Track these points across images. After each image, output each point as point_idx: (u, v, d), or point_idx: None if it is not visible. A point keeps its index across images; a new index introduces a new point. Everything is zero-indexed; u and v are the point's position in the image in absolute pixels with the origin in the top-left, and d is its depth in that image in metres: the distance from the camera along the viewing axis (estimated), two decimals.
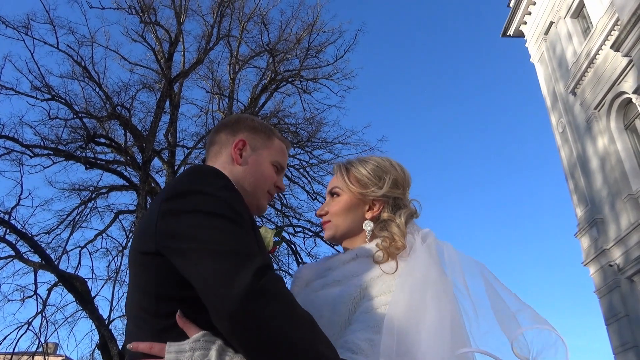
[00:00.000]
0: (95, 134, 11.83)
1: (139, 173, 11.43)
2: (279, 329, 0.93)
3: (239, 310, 0.92)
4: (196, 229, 1.03)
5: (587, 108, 13.55)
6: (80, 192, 12.40)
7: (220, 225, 1.03)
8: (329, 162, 13.24)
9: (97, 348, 10.46)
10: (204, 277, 0.98)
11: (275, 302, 0.95)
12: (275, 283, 0.98)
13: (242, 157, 1.39)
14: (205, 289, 0.97)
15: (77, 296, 10.45)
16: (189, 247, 1.02)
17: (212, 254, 0.99)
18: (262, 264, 0.99)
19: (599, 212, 13.03)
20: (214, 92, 13.40)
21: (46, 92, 11.47)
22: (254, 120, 1.51)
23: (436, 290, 1.19)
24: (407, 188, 1.50)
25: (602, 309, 12.78)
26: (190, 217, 1.05)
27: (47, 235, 11.79)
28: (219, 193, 1.10)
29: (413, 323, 1.13)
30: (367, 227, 1.43)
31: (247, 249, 1.02)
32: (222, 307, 0.94)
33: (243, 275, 0.95)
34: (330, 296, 1.27)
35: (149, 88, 12.70)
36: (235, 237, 1.03)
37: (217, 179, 1.16)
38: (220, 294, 0.94)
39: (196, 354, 1.00)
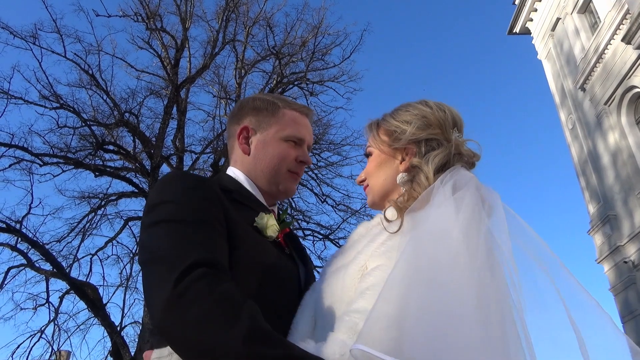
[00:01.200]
0: (104, 141, 11.89)
1: (148, 179, 11.46)
2: (199, 334, 0.91)
3: (161, 323, 0.94)
4: (151, 240, 1.09)
5: (596, 103, 13.41)
6: (90, 200, 12.46)
7: (168, 231, 1.06)
8: (338, 164, 13.22)
9: (110, 355, 10.46)
10: (145, 289, 1.05)
11: (195, 304, 0.93)
12: (198, 283, 0.95)
13: (250, 144, 1.32)
14: (145, 301, 1.06)
15: (88, 303, 10.47)
16: (142, 259, 1.09)
17: (148, 264, 1.04)
18: (190, 263, 0.96)
19: (611, 208, 12.86)
20: (221, 97, 13.41)
21: (54, 101, 11.55)
22: (255, 99, 1.40)
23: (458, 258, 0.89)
24: (446, 127, 1.22)
25: (618, 307, 12.60)
26: (149, 229, 1.10)
27: (58, 243, 11.85)
28: (175, 197, 1.12)
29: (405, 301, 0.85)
30: (401, 180, 1.21)
31: (181, 251, 1.00)
32: (153, 319, 0.98)
33: (164, 285, 0.95)
34: (341, 275, 1.12)
35: (156, 94, 12.76)
36: (175, 239, 1.03)
37: (178, 183, 1.17)
38: (150, 309, 0.98)
39: (174, 357, 1.03)
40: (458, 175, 1.11)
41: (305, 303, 1.19)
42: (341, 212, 12.82)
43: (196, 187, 1.16)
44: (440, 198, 1.02)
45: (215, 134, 12.98)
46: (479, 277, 0.86)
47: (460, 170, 1.15)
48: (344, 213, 12.75)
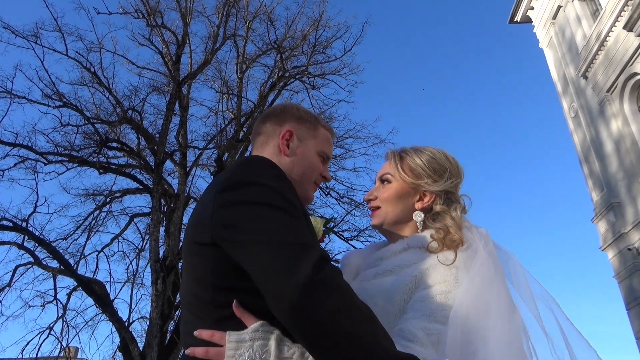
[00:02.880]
0: (108, 139, 11.94)
1: (152, 176, 11.52)
2: (338, 321, 0.93)
3: (300, 302, 0.92)
4: (253, 220, 1.04)
5: (599, 91, 13.38)
6: (95, 197, 12.54)
7: (276, 217, 1.04)
8: (341, 157, 13.25)
9: (119, 350, 10.57)
10: (263, 268, 0.98)
11: (335, 294, 0.95)
12: (334, 275, 0.98)
13: (290, 147, 1.38)
14: (265, 280, 0.98)
15: (96, 300, 10.57)
16: (246, 238, 1.03)
17: (270, 246, 0.99)
18: (320, 256, 0.99)
19: (615, 196, 12.87)
20: (223, 92, 13.44)
21: (57, 100, 11.61)
22: (299, 109, 1.49)
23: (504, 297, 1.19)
24: (459, 183, 1.47)
25: (623, 294, 12.65)
26: (246, 208, 1.06)
27: (64, 241, 11.95)
28: (273, 184, 1.11)
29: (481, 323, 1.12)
30: (418, 218, 1.41)
31: (304, 240, 1.02)
32: (283, 299, 0.95)
33: (303, 266, 0.95)
34: (384, 285, 1.26)
35: (158, 91, 12.79)
36: (292, 228, 1.03)
37: (271, 170, 1.18)
38: (281, 286, 0.95)
39: (256, 343, 1.01)
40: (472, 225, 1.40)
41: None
42: (345, 204, 12.89)
43: (284, 177, 1.18)
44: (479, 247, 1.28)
45: (217, 129, 13.03)
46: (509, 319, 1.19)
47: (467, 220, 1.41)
48: (347, 205, 12.81)
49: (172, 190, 12.20)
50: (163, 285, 10.20)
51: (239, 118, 12.77)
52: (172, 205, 11.60)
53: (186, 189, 11.89)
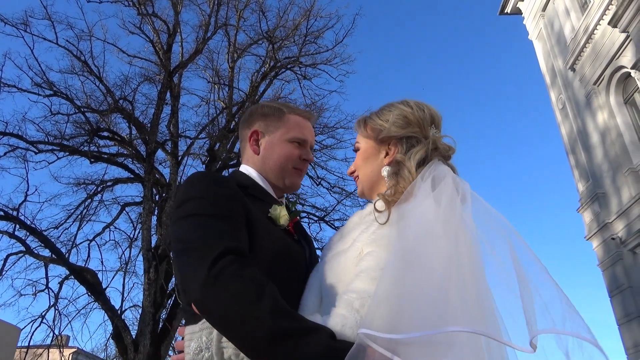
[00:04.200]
0: (99, 128, 11.91)
1: (144, 165, 11.54)
2: (233, 309, 1.08)
3: (199, 300, 1.12)
4: (180, 232, 1.25)
5: (586, 83, 13.58)
6: (86, 186, 12.53)
7: (197, 224, 1.23)
8: (332, 147, 13.35)
9: (111, 338, 10.64)
10: (180, 272, 1.20)
11: (229, 284, 1.10)
12: (230, 267, 1.13)
13: (259, 146, 1.51)
14: (181, 284, 1.20)
15: (88, 288, 10.62)
16: (175, 249, 1.25)
17: (186, 251, 1.19)
18: (221, 251, 1.14)
19: (600, 186, 13.13)
20: (214, 82, 13.43)
21: (47, 88, 11.54)
22: (264, 106, 1.59)
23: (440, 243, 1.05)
24: (424, 125, 1.37)
25: (606, 282, 12.96)
26: (181, 222, 1.26)
27: (55, 229, 11.94)
28: (205, 194, 1.29)
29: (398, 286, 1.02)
30: (385, 173, 1.36)
31: (211, 240, 1.18)
32: (191, 297, 1.15)
33: (200, 268, 1.12)
34: (342, 259, 1.28)
35: (149, 80, 12.75)
36: (205, 230, 1.21)
37: (203, 182, 1.35)
38: (187, 289, 1.16)
39: (204, 333, 1.18)
40: (436, 170, 1.26)
41: (311, 283, 1.37)
42: (336, 194, 13.02)
43: (219, 184, 1.34)
44: (422, 193, 1.18)
45: (209, 119, 13.05)
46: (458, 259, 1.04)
47: (438, 165, 1.30)
48: (338, 195, 12.95)
49: (163, 180, 12.23)
50: (155, 273, 10.28)
51: (231, 108, 12.80)
52: (164, 194, 11.64)
53: (178, 179, 11.92)
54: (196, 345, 1.18)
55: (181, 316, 10.65)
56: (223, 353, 1.15)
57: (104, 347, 12.86)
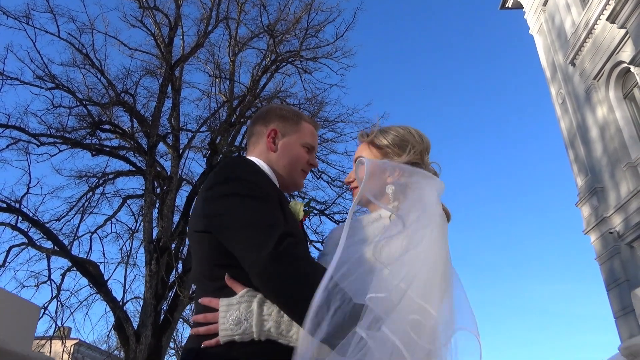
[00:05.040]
0: (100, 121, 11.97)
1: (145, 158, 11.60)
2: (295, 282, 1.19)
3: (265, 271, 1.20)
4: (232, 209, 1.31)
5: (586, 78, 13.62)
6: (88, 179, 12.60)
7: (250, 204, 1.32)
8: (332, 141, 13.43)
9: (113, 329, 10.75)
10: (239, 246, 1.26)
11: (293, 261, 1.21)
12: (293, 247, 1.23)
13: (276, 144, 1.62)
14: (242, 255, 1.25)
15: (90, 280, 10.71)
16: (227, 223, 1.30)
17: (244, 228, 1.27)
18: (283, 232, 1.24)
19: (599, 181, 13.21)
20: (215, 76, 13.48)
21: (49, 81, 11.59)
22: (282, 108, 1.72)
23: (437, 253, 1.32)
24: (425, 152, 1.64)
25: (603, 275, 13.07)
26: (226, 200, 1.33)
27: (57, 222, 12.01)
28: (250, 177, 1.39)
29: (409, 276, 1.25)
30: (389, 190, 1.56)
31: (272, 221, 1.28)
32: (253, 269, 1.22)
33: (268, 242, 1.20)
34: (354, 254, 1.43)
35: (150, 73, 12.80)
36: (262, 212, 1.30)
37: (247, 166, 1.46)
38: (252, 259, 1.22)
39: (242, 305, 1.25)
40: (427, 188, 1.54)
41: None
42: (336, 187, 13.10)
43: (260, 171, 1.46)
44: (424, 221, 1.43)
45: (210, 112, 13.10)
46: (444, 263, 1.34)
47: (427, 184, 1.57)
48: (339, 189, 13.02)
49: (165, 173, 12.30)
50: (157, 266, 10.37)
51: (232, 101, 12.85)
52: (165, 187, 11.72)
53: (179, 172, 12.00)
54: (235, 316, 1.24)
55: (182, 307, 10.78)
56: (263, 325, 1.23)
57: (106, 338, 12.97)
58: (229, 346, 1.24)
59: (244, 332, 1.23)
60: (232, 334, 1.23)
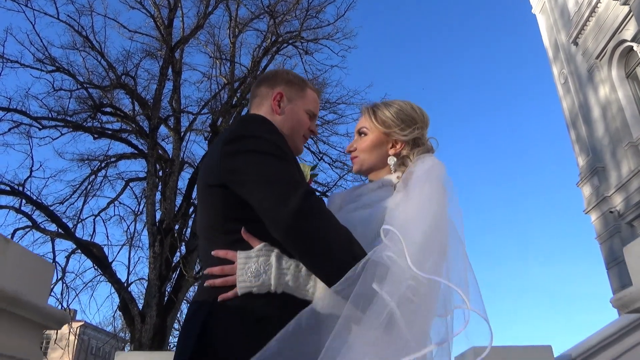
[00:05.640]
0: (102, 104, 11.96)
1: (147, 141, 11.62)
2: (323, 237, 1.21)
3: (292, 225, 1.20)
4: (253, 165, 1.30)
5: (588, 57, 13.55)
6: (91, 162, 12.64)
7: (270, 161, 1.31)
8: (334, 123, 13.41)
9: (118, 310, 10.88)
10: (263, 200, 1.25)
11: (319, 218, 1.23)
12: (318, 204, 1.26)
13: (280, 107, 1.63)
14: (265, 209, 1.25)
15: (95, 262, 10.82)
16: (248, 179, 1.29)
17: (267, 183, 1.26)
18: (307, 190, 1.26)
19: (600, 160, 13.22)
20: (216, 57, 13.41)
21: (49, 64, 11.56)
22: (289, 73, 1.74)
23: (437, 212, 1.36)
24: (425, 129, 1.70)
25: (603, 254, 13.16)
26: (246, 156, 1.32)
27: (61, 205, 12.09)
28: (268, 136, 1.38)
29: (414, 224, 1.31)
30: (391, 162, 1.65)
31: (294, 178, 1.29)
32: (279, 223, 1.22)
33: (294, 198, 1.21)
34: (363, 216, 1.49)
35: (151, 56, 12.74)
36: (283, 169, 1.30)
37: (266, 125, 1.45)
38: (277, 213, 1.21)
39: (260, 259, 1.27)
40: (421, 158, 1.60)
41: None
42: (337, 169, 13.12)
43: (277, 131, 1.46)
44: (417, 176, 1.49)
45: (211, 95, 13.07)
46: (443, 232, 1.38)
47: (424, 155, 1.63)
48: (340, 170, 13.05)
49: (166, 155, 12.31)
50: (160, 247, 10.45)
51: (233, 83, 12.81)
52: (167, 170, 11.75)
53: (181, 154, 12.02)
54: (254, 268, 1.26)
55: (186, 288, 10.90)
56: (281, 278, 1.25)
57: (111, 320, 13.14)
58: (246, 298, 1.25)
59: (262, 284, 1.25)
60: (251, 285, 1.25)
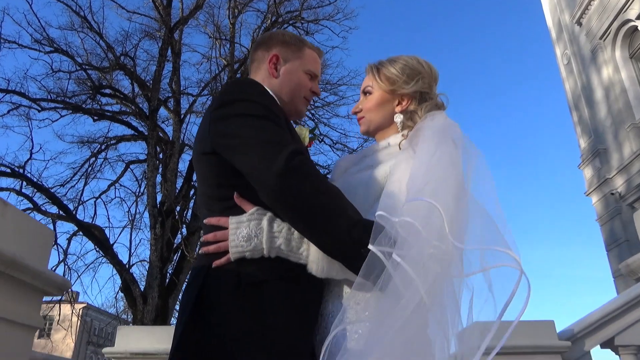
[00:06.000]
0: (101, 85, 11.87)
1: (147, 123, 11.55)
2: (309, 198, 1.17)
3: (277, 186, 1.17)
4: (240, 128, 1.28)
5: (592, 38, 13.40)
6: (91, 145, 12.59)
7: (258, 124, 1.29)
8: (334, 104, 13.32)
9: (120, 291, 10.94)
10: (249, 163, 1.23)
11: (305, 177, 1.19)
12: (304, 163, 1.21)
13: (277, 69, 1.57)
14: (251, 172, 1.23)
15: (96, 243, 10.85)
16: (236, 142, 1.27)
17: (253, 145, 1.24)
18: (294, 149, 1.22)
19: (602, 142, 13.17)
20: (215, 38, 13.26)
21: (47, 45, 11.46)
22: (284, 34, 1.68)
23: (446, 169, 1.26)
24: (433, 83, 1.61)
25: (604, 236, 13.18)
26: (235, 120, 1.30)
27: (62, 187, 12.07)
28: (257, 98, 1.35)
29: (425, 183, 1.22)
30: (398, 119, 1.57)
31: (281, 139, 1.26)
32: (265, 185, 1.20)
33: (279, 158, 1.18)
34: (364, 177, 1.45)
35: (150, 36, 12.61)
36: (271, 131, 1.28)
37: (255, 88, 1.42)
38: (262, 175, 1.20)
39: (252, 223, 1.24)
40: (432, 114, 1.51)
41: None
42: (338, 151, 13.06)
43: (268, 93, 1.42)
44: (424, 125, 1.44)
45: (211, 76, 12.96)
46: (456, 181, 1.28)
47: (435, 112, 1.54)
48: (341, 152, 12.99)
49: (167, 137, 12.27)
50: (161, 229, 10.46)
51: (233, 64, 12.69)
52: (168, 152, 11.70)
53: (181, 136, 11.97)
54: (245, 233, 1.23)
55: (187, 270, 10.93)
56: (273, 241, 1.22)
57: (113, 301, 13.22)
58: (239, 263, 1.24)
59: (254, 248, 1.23)
60: (243, 250, 1.23)
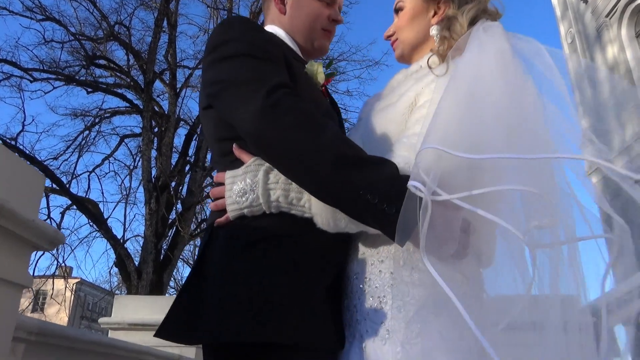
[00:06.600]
0: (95, 56, 11.58)
1: (142, 95, 11.31)
2: (287, 134, 1.01)
3: (256, 128, 1.03)
4: (221, 72, 1.15)
5: (598, 16, 13.14)
6: (84, 117, 12.34)
7: (238, 63, 1.13)
8: (334, 80, 13.07)
9: (115, 265, 10.86)
10: (228, 110, 1.11)
11: (287, 113, 1.02)
12: (286, 97, 1.04)
13: (285, 4, 1.39)
14: (232, 119, 1.10)
15: (90, 217, 10.72)
16: (216, 90, 1.14)
17: (231, 88, 1.10)
18: (275, 84, 1.05)
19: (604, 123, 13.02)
20: (212, 7, 12.92)
21: (39, 13, 11.13)
22: None
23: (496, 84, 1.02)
24: None
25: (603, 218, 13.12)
26: (217, 65, 1.17)
27: (55, 160, 11.86)
28: (241, 36, 1.18)
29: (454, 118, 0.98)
30: (434, 32, 1.29)
31: (262, 75, 1.09)
32: (244, 130, 1.06)
33: (256, 97, 1.03)
34: (390, 111, 1.23)
35: (145, 6, 12.24)
36: (253, 68, 1.11)
37: (240, 25, 1.24)
38: (240, 117, 1.06)
39: (248, 175, 1.11)
40: (487, 24, 1.20)
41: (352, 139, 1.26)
42: None
43: (257, 29, 1.26)
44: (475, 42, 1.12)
45: None
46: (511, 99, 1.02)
47: (488, 21, 1.23)
48: None
49: (162, 111, 12.03)
50: (156, 204, 10.32)
51: None
52: (163, 126, 11.49)
53: (177, 110, 11.74)
54: (240, 187, 1.10)
55: (182, 245, 10.83)
56: (270, 195, 1.08)
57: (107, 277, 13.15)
58: (240, 221, 1.11)
59: (251, 204, 1.09)
60: (239, 207, 1.10)
